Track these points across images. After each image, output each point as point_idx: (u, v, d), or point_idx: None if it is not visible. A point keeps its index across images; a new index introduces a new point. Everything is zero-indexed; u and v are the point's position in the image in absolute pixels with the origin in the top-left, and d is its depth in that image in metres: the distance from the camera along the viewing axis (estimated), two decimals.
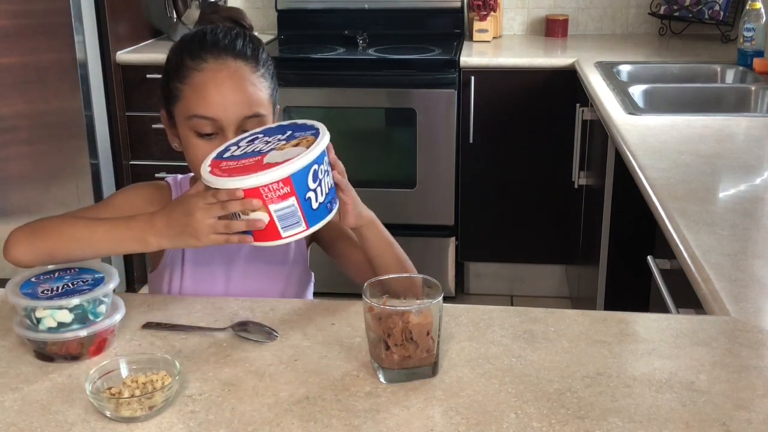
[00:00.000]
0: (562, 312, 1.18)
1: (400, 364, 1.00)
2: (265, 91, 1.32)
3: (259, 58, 1.33)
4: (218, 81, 1.28)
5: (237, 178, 1.07)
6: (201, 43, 1.31)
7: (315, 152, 1.08)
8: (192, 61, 1.29)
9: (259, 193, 1.07)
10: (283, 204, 1.07)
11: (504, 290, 3.44)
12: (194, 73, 1.29)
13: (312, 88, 3.16)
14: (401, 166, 3.26)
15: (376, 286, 1.06)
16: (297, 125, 1.19)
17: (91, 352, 1.09)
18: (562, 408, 0.95)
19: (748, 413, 0.94)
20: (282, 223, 1.08)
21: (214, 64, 1.29)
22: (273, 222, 1.08)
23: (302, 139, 1.13)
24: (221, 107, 1.27)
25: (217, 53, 1.29)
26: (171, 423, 0.94)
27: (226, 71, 1.29)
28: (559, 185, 3.17)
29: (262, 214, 1.08)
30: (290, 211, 1.08)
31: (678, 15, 3.44)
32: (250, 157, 1.12)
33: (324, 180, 1.11)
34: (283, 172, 1.06)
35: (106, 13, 3.08)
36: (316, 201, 1.10)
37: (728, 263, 1.29)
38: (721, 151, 1.89)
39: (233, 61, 1.30)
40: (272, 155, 1.10)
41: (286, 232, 1.09)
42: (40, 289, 1.10)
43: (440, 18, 3.57)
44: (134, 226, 1.18)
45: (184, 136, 1.32)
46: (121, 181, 3.24)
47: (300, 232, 1.10)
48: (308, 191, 1.08)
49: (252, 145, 1.16)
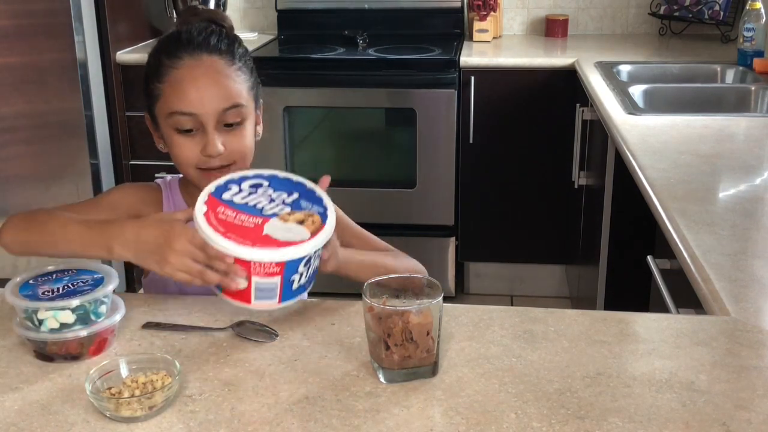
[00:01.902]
0: (562, 312, 1.18)
1: (400, 364, 1.00)
2: (243, 84, 1.34)
3: (234, 52, 1.35)
4: (194, 76, 1.30)
5: (233, 244, 1.03)
6: (176, 42, 1.33)
7: (317, 242, 1.05)
8: (168, 59, 1.31)
9: (249, 265, 1.04)
10: (267, 280, 1.04)
11: (504, 290, 3.44)
12: (171, 71, 1.31)
13: (312, 88, 3.16)
14: (401, 166, 3.26)
15: (375, 286, 1.06)
16: (306, 189, 1.14)
17: (91, 352, 1.09)
18: (562, 408, 0.95)
19: (748, 413, 0.94)
20: (258, 293, 1.05)
21: (189, 60, 1.31)
22: (249, 289, 1.05)
23: (308, 216, 1.08)
24: (198, 102, 1.29)
25: (192, 50, 1.31)
26: (171, 423, 0.94)
27: (202, 67, 1.31)
28: (559, 185, 3.17)
29: (242, 280, 1.05)
30: (270, 287, 1.05)
31: (678, 15, 3.44)
32: (250, 213, 1.08)
33: (313, 263, 1.08)
34: (281, 256, 1.03)
35: (106, 13, 3.08)
36: (297, 282, 1.07)
37: (728, 263, 1.29)
38: (721, 151, 1.89)
39: (208, 57, 1.32)
40: (273, 226, 1.06)
41: (258, 301, 1.06)
42: (40, 290, 1.10)
43: (440, 18, 3.57)
44: (106, 231, 1.16)
45: (167, 135, 1.34)
46: (121, 181, 3.24)
47: (270, 305, 1.07)
48: (295, 274, 1.06)
49: (255, 195, 1.11)
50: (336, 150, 3.40)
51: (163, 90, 1.32)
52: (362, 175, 3.36)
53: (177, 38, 1.34)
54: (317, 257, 1.10)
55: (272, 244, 1.03)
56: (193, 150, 1.32)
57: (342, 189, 3.26)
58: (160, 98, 1.33)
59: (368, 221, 3.70)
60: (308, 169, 3.34)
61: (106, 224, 1.18)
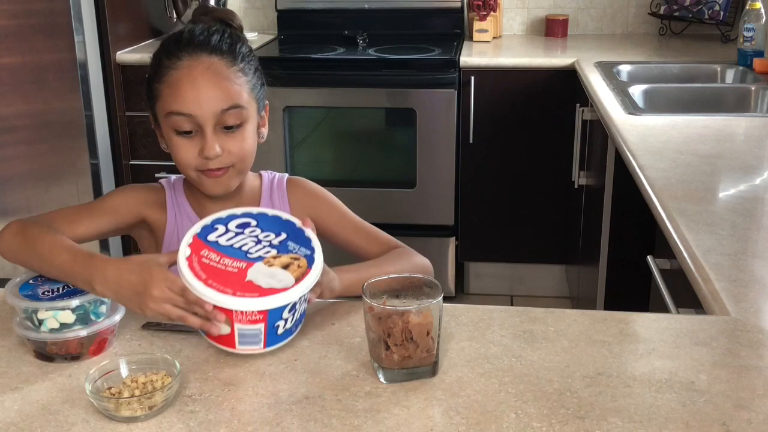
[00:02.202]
0: (562, 312, 1.18)
1: (400, 364, 1.00)
2: (244, 86, 1.32)
3: (236, 52, 1.33)
4: (192, 77, 1.29)
5: (213, 292, 1.00)
6: (177, 42, 1.32)
7: (302, 289, 1.02)
8: (168, 60, 1.31)
9: (230, 312, 1.01)
10: (250, 327, 1.02)
11: (504, 290, 3.44)
12: (170, 72, 1.30)
13: (312, 88, 3.16)
14: (401, 166, 3.26)
15: (376, 286, 1.06)
16: (295, 229, 1.11)
17: (91, 352, 1.09)
18: (562, 408, 0.95)
19: (748, 413, 0.94)
20: (241, 339, 1.03)
21: (188, 60, 1.30)
22: (233, 335, 1.03)
23: (294, 260, 1.05)
24: (196, 103, 1.28)
25: (191, 50, 1.30)
26: (171, 423, 0.94)
27: (200, 67, 1.29)
28: (559, 185, 3.17)
29: (223, 326, 1.02)
30: (254, 333, 1.02)
31: (678, 15, 3.44)
32: (234, 257, 1.05)
33: (299, 308, 1.05)
34: (262, 305, 1.00)
35: (106, 13, 3.08)
36: (283, 328, 1.05)
37: (728, 263, 1.29)
38: (721, 151, 1.89)
39: (207, 57, 1.30)
40: (257, 271, 1.03)
41: (242, 346, 1.04)
42: (40, 290, 1.11)
43: (440, 18, 3.57)
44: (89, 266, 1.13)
45: (167, 136, 1.33)
46: (121, 181, 3.25)
47: (255, 350, 1.04)
48: (280, 320, 1.03)
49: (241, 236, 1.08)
50: (336, 150, 3.40)
51: (162, 90, 1.31)
52: (362, 175, 3.36)
53: (178, 38, 1.33)
54: (303, 302, 1.07)
55: (255, 291, 1.01)
56: (192, 152, 1.30)
57: (342, 189, 3.25)
58: (159, 98, 1.32)
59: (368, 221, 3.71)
60: (308, 169, 3.34)
61: (90, 260, 1.14)
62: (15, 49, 3.02)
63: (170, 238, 1.41)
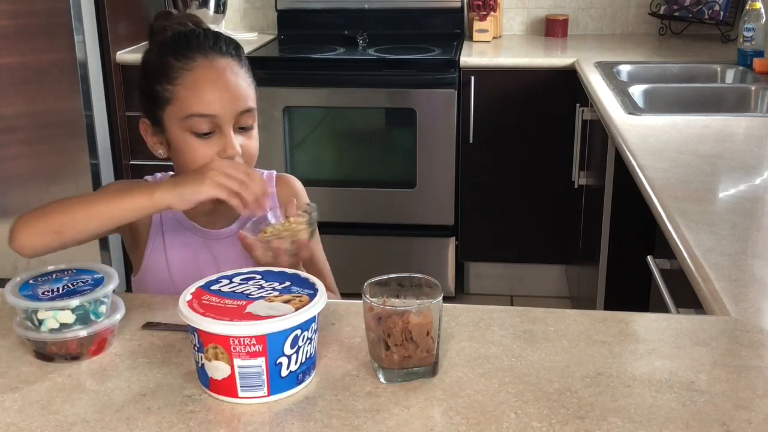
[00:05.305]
0: (562, 312, 1.18)
1: (400, 364, 1.00)
2: (251, 86, 1.35)
3: (241, 56, 1.36)
4: (212, 78, 1.29)
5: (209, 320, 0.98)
6: (186, 43, 1.32)
7: (301, 318, 1.00)
8: (179, 61, 1.30)
9: (228, 343, 0.98)
10: (250, 362, 0.98)
11: (504, 290, 3.44)
12: (185, 73, 1.29)
13: (312, 88, 3.16)
14: (401, 166, 3.26)
15: (376, 286, 1.06)
16: (299, 278, 1.11)
17: (91, 352, 1.09)
18: (562, 408, 0.95)
19: (748, 413, 0.94)
20: (242, 381, 0.99)
21: (204, 62, 1.30)
22: (233, 377, 0.99)
23: (296, 297, 1.05)
24: (218, 103, 1.29)
25: (205, 52, 1.31)
26: (171, 423, 0.94)
27: (217, 68, 1.30)
28: (559, 185, 3.17)
29: (224, 366, 0.99)
30: (255, 372, 0.99)
31: (678, 15, 3.45)
32: (235, 298, 1.04)
33: (304, 348, 1.02)
34: (258, 329, 0.97)
35: (106, 13, 3.09)
36: (287, 368, 1.00)
37: (728, 263, 1.29)
38: (721, 151, 1.89)
39: (221, 58, 1.31)
40: (258, 306, 1.02)
41: (244, 392, 1.00)
42: (40, 290, 1.10)
43: (440, 18, 3.57)
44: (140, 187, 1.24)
45: (180, 138, 1.32)
46: None
47: (259, 396, 1.00)
48: (282, 356, 1.00)
49: (245, 285, 1.08)
50: (336, 150, 3.40)
51: (176, 92, 1.30)
52: (362, 175, 3.36)
53: (184, 39, 1.32)
54: (309, 342, 1.03)
55: (252, 318, 0.99)
56: (209, 153, 1.30)
57: (342, 189, 3.27)
58: (173, 101, 1.30)
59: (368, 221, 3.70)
60: (308, 169, 3.34)
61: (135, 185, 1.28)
62: (15, 49, 3.02)
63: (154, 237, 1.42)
